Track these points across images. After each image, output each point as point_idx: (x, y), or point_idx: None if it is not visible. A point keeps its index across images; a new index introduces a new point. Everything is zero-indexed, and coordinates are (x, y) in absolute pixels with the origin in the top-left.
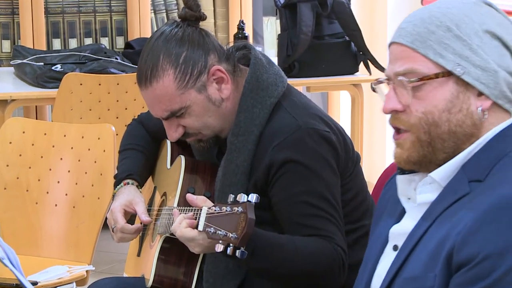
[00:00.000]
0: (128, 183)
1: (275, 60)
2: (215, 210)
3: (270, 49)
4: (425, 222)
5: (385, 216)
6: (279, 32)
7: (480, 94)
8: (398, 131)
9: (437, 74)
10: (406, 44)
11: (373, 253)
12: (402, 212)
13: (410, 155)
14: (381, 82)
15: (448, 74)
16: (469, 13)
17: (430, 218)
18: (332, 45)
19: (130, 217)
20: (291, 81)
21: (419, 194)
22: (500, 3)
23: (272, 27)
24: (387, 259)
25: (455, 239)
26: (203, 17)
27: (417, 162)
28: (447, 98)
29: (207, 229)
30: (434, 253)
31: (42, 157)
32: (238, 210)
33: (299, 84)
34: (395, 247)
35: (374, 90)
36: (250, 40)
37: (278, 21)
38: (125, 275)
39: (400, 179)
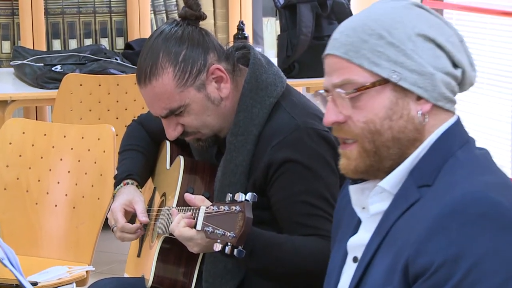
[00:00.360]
0: (128, 183)
1: (274, 60)
2: (213, 210)
3: (270, 50)
4: (380, 233)
5: (343, 226)
6: (279, 33)
7: (419, 98)
8: (345, 142)
9: (374, 83)
10: (340, 55)
11: (336, 265)
12: (359, 222)
13: (357, 165)
14: (320, 94)
15: (384, 81)
16: (400, 18)
17: (384, 229)
18: None
19: (131, 217)
20: (290, 81)
21: (371, 204)
22: (500, 3)
23: (271, 27)
24: (349, 271)
25: (409, 250)
26: (203, 17)
27: (365, 172)
28: (386, 105)
29: (205, 228)
30: (391, 265)
31: (42, 157)
32: (236, 209)
33: (299, 85)
34: (354, 259)
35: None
36: (250, 41)
37: (278, 21)
38: (126, 275)
39: (353, 189)
